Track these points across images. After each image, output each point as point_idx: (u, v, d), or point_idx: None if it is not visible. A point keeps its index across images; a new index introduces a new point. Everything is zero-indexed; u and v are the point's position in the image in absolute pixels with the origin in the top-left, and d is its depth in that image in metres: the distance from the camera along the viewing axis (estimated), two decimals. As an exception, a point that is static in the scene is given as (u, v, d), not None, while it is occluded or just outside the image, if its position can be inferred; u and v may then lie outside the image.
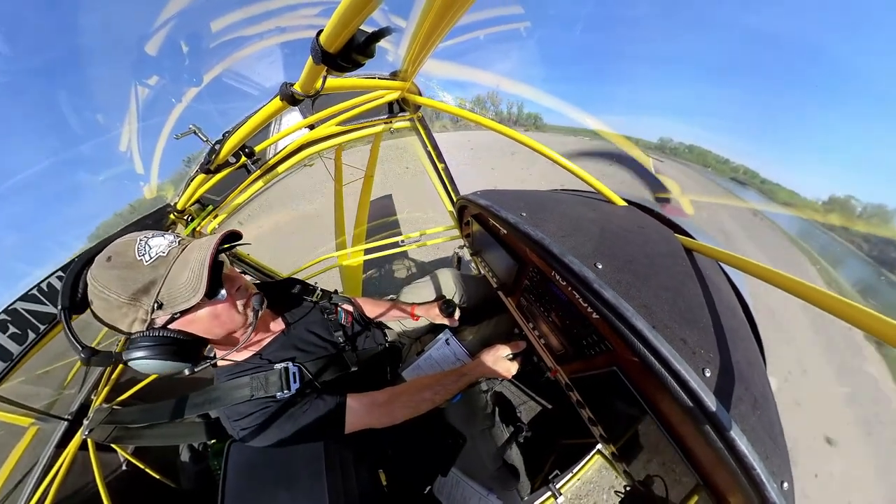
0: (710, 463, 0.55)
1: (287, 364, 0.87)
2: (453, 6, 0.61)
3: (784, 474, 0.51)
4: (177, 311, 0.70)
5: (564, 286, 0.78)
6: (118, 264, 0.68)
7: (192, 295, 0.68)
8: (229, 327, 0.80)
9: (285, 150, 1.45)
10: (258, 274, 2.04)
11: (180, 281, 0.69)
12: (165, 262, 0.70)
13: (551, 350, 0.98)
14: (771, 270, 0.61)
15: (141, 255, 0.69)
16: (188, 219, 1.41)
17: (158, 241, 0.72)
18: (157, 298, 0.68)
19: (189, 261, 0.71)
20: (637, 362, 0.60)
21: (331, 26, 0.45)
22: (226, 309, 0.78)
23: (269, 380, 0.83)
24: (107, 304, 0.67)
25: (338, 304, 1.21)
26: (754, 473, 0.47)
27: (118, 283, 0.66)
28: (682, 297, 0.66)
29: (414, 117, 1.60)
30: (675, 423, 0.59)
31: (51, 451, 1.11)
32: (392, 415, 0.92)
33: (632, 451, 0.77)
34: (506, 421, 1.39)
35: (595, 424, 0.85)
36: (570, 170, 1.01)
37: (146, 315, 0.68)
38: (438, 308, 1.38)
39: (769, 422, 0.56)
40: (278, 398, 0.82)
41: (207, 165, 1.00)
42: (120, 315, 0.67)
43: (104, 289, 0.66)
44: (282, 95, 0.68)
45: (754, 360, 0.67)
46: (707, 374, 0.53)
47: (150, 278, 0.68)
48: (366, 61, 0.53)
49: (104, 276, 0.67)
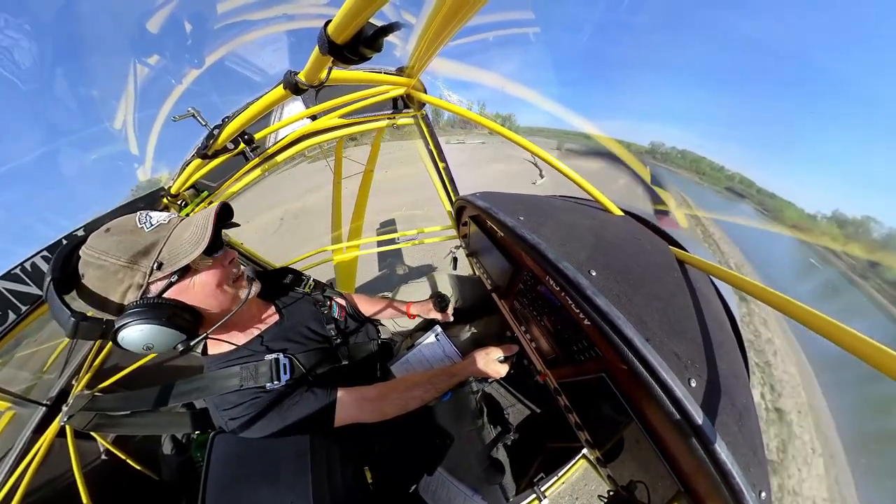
0: (692, 470, 0.56)
1: (278, 355, 0.86)
2: (465, 6, 0.61)
3: (762, 485, 0.53)
4: (176, 270, 0.69)
5: (558, 291, 0.79)
6: (118, 231, 0.68)
7: (195, 248, 0.69)
8: (222, 300, 0.79)
9: (286, 140, 1.43)
10: (251, 263, 2.01)
11: (184, 236, 0.71)
12: (167, 227, 0.72)
13: (541, 354, 0.98)
14: (760, 287, 0.62)
15: (142, 223, 0.70)
16: (182, 204, 1.38)
17: (159, 214, 0.75)
18: (157, 258, 0.68)
19: (192, 222, 0.73)
20: (625, 370, 0.61)
21: (340, 17, 0.45)
22: (219, 276, 0.77)
23: (259, 370, 0.82)
24: (102, 271, 0.65)
25: (331, 297, 1.20)
26: (734, 482, 0.49)
27: (117, 247, 0.66)
28: (672, 307, 0.67)
29: (418, 115, 1.59)
30: (659, 431, 0.60)
31: (27, 437, 1.07)
32: (382, 410, 0.92)
33: (616, 457, 0.78)
34: (493, 422, 1.39)
35: (581, 429, 0.86)
36: (570, 177, 1.01)
37: (143, 279, 0.67)
38: (432, 303, 1.39)
39: (750, 433, 0.58)
40: (268, 389, 0.81)
41: (204, 150, 0.98)
42: (115, 282, 0.66)
43: (102, 254, 0.65)
44: (286, 84, 0.67)
45: (739, 372, 0.69)
46: (693, 384, 0.55)
47: (152, 240, 0.69)
48: (373, 55, 0.53)
49: (103, 243, 0.66)
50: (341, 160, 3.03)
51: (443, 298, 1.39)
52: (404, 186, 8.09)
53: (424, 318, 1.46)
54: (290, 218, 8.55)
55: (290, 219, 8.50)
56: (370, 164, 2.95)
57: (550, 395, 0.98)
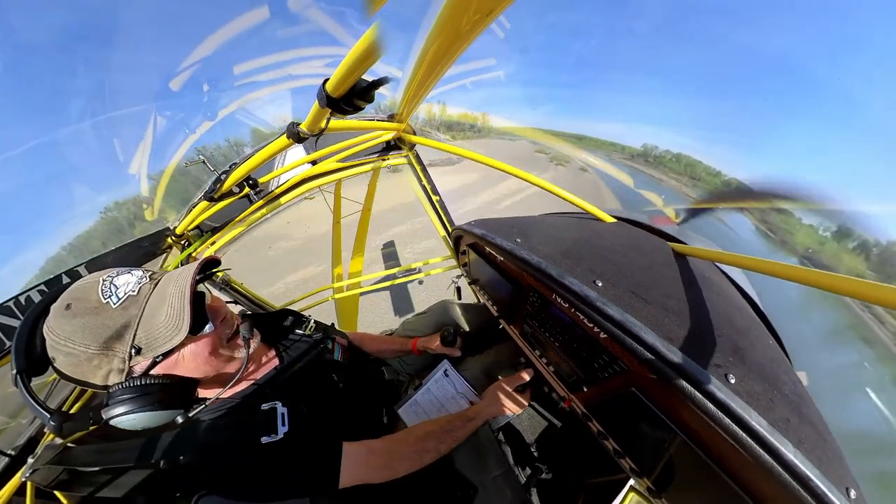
0: (760, 480, 0.48)
1: (275, 404, 0.77)
2: (441, 60, 0.71)
3: (847, 480, 0.45)
4: (158, 355, 0.63)
5: (567, 308, 0.75)
6: (80, 311, 0.59)
7: (175, 333, 0.62)
8: (218, 364, 0.73)
9: (288, 183, 1.53)
10: (250, 304, 2.01)
11: (159, 319, 0.62)
12: (137, 301, 0.63)
13: (562, 378, 0.92)
14: (763, 261, 0.60)
15: (107, 297, 0.61)
16: (185, 243, 1.43)
17: (126, 279, 0.65)
18: (133, 343, 0.60)
19: (166, 295, 0.64)
20: (655, 380, 0.56)
21: (337, 75, 0.53)
22: (213, 343, 0.71)
23: (253, 421, 0.74)
24: (73, 358, 0.58)
25: (334, 338, 1.14)
26: (814, 485, 0.41)
27: (84, 333, 0.58)
28: (686, 303, 0.64)
29: (409, 154, 1.72)
30: (710, 442, 0.53)
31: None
32: (392, 467, 0.82)
33: (670, 483, 0.68)
34: (520, 462, 1.25)
35: (622, 457, 0.77)
36: (559, 194, 1.08)
37: (123, 364, 0.61)
38: (440, 339, 1.32)
39: (810, 420, 0.51)
40: (264, 443, 0.71)
41: (211, 193, 1.05)
42: (91, 368, 0.59)
43: (67, 341, 0.58)
44: (289, 133, 0.76)
45: (776, 357, 0.63)
46: (732, 380, 0.49)
47: (122, 321, 0.60)
48: (366, 105, 0.61)
49: (65, 326, 0.58)
50: (340, 201, 3.17)
51: (450, 332, 1.31)
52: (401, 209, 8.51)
53: (431, 357, 1.38)
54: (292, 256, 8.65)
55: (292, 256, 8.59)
56: (368, 203, 3.08)
57: (580, 423, 0.89)
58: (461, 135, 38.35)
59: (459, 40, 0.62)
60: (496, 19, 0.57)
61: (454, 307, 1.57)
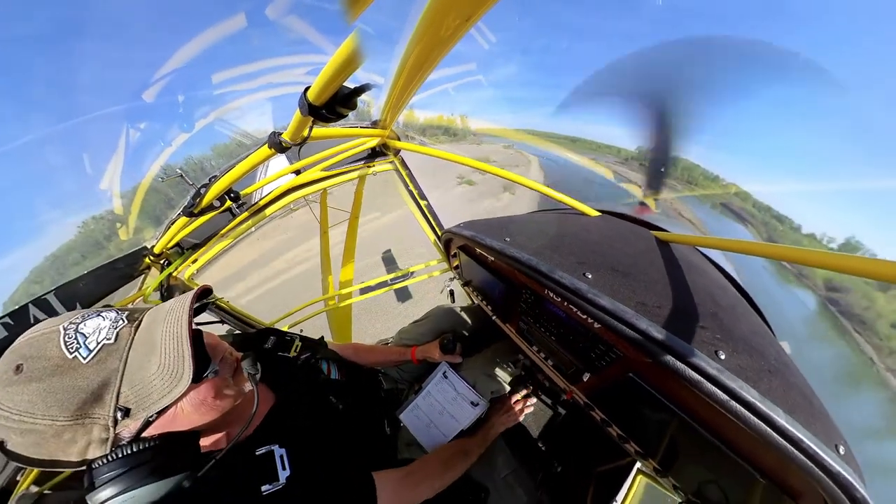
0: (756, 448, 0.51)
1: (271, 447, 0.67)
2: (422, 66, 0.72)
3: (836, 437, 0.48)
4: (152, 414, 0.51)
5: (560, 302, 0.78)
6: (38, 373, 0.46)
7: (174, 384, 0.50)
8: (224, 405, 0.62)
9: (272, 195, 1.50)
10: (239, 323, 1.95)
11: (149, 370, 0.50)
12: (115, 350, 0.51)
13: (561, 371, 0.95)
14: (740, 242, 0.64)
15: (74, 351, 0.48)
16: (165, 263, 1.37)
17: (96, 324, 0.52)
18: (117, 404, 0.49)
19: (155, 341, 0.53)
20: (650, 363, 0.58)
21: (318, 83, 0.52)
22: (217, 384, 0.60)
23: (249, 471, 0.64)
24: (34, 436, 0.45)
25: (327, 358, 1.08)
26: (806, 447, 0.44)
27: (47, 401, 0.45)
28: (672, 287, 0.67)
29: (395, 160, 1.72)
30: (707, 417, 0.56)
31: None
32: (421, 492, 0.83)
33: (675, 461, 0.71)
34: (528, 459, 1.27)
35: (627, 441, 0.80)
36: (545, 192, 1.10)
37: (106, 432, 0.49)
38: (440, 347, 1.31)
39: (797, 385, 0.54)
40: (264, 493, 0.61)
41: (191, 208, 1.01)
42: (61, 444, 0.47)
43: (22, 415, 0.45)
44: (270, 143, 0.74)
45: (760, 330, 0.67)
46: (722, 356, 0.52)
47: (99, 379, 0.48)
48: (348, 113, 0.60)
49: (16, 396, 0.45)
50: (326, 211, 3.12)
51: (449, 340, 1.30)
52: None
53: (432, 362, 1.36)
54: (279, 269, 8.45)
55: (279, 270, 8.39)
56: (355, 211, 3.05)
57: (583, 413, 0.92)
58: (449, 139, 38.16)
59: (440, 45, 0.63)
60: (475, 24, 0.57)
61: (449, 311, 1.57)
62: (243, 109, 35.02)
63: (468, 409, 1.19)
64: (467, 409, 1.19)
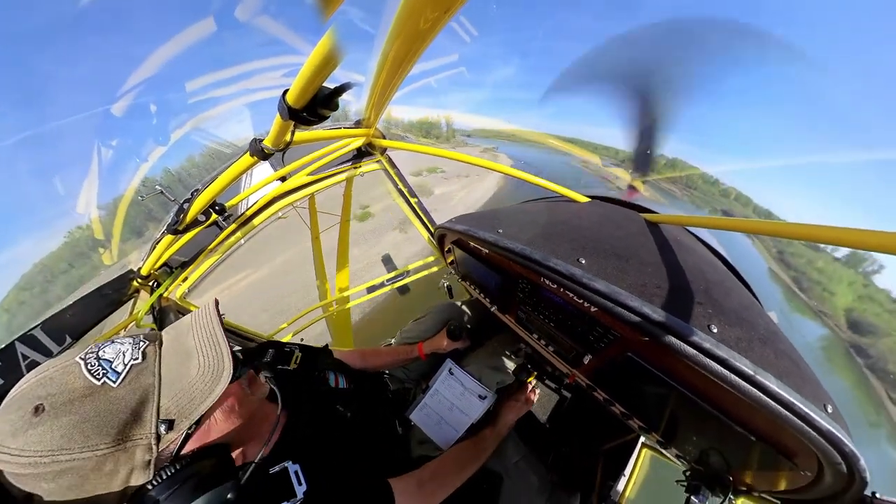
0: (753, 414, 0.54)
1: (284, 465, 0.67)
2: (403, 61, 0.70)
3: (823, 397, 0.51)
4: (193, 420, 0.52)
5: (556, 289, 0.79)
6: (66, 406, 0.44)
7: (216, 382, 0.52)
8: (250, 408, 0.65)
9: (258, 204, 1.46)
10: (239, 339, 1.91)
11: (189, 376, 0.52)
12: (146, 367, 0.51)
13: (562, 356, 0.97)
14: (725, 219, 0.67)
15: (101, 377, 0.47)
16: (154, 284, 1.33)
17: (116, 349, 0.51)
18: (159, 418, 0.49)
19: (189, 347, 0.55)
20: (647, 341, 0.60)
21: (296, 85, 0.50)
22: (239, 394, 0.63)
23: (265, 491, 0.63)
24: (72, 475, 0.43)
25: (328, 368, 1.06)
26: (797, 408, 0.47)
27: (85, 430, 0.43)
28: (663, 266, 0.69)
29: (382, 159, 1.69)
30: (704, 389, 0.59)
31: None
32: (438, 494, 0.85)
33: (676, 433, 0.74)
34: (536, 443, 1.31)
35: (630, 418, 0.83)
36: (535, 182, 1.10)
37: (149, 453, 0.48)
38: (447, 333, 1.35)
39: (785, 352, 0.57)
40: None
41: (175, 226, 0.98)
42: (103, 478, 0.45)
43: (59, 452, 0.42)
44: (252, 151, 0.72)
45: (749, 303, 0.70)
46: (714, 329, 0.54)
47: (136, 397, 0.48)
48: (330, 114, 0.58)
49: (48, 436, 0.42)
50: (316, 216, 3.07)
51: (455, 326, 1.35)
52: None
53: (441, 353, 1.38)
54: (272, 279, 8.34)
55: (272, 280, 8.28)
56: (345, 214, 3.01)
57: (586, 395, 0.95)
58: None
59: (420, 39, 0.61)
60: (454, 16, 0.56)
61: (448, 306, 1.57)
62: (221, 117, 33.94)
63: (476, 403, 1.20)
64: (476, 403, 1.20)
